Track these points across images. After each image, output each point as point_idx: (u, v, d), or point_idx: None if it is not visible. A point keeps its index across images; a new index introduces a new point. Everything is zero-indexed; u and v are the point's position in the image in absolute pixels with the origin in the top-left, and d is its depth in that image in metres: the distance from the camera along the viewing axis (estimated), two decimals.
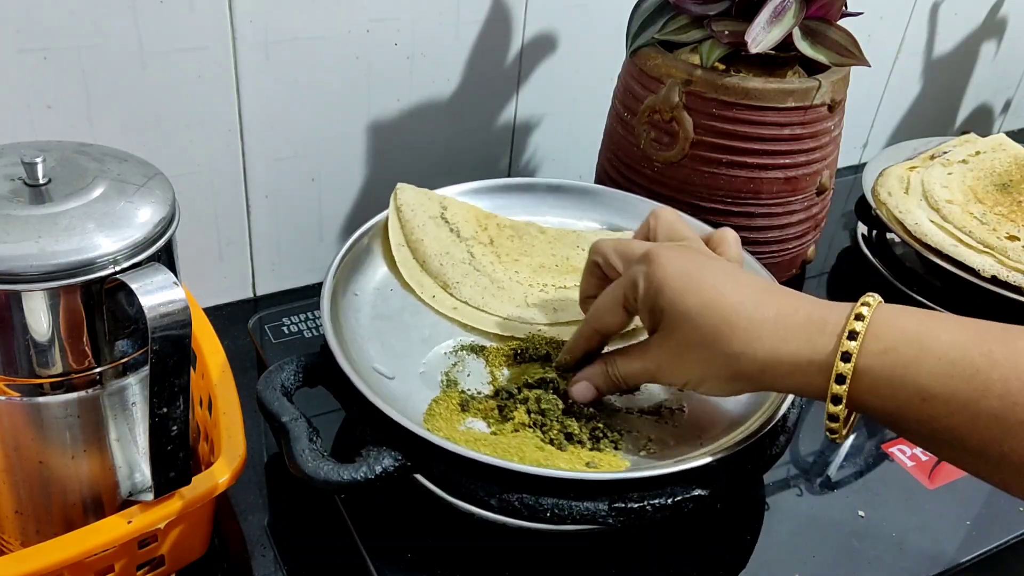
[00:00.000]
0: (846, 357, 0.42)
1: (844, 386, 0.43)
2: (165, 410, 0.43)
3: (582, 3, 0.79)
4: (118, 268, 0.41)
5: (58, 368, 0.43)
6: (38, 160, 0.41)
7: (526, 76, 0.80)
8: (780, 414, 0.52)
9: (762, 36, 0.63)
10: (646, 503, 0.48)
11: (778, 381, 0.45)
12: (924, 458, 0.63)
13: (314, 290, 0.78)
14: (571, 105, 0.84)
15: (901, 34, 1.03)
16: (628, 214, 0.70)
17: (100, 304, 0.42)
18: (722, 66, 0.67)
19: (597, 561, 0.53)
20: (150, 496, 0.46)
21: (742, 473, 0.51)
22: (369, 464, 0.47)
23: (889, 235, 0.87)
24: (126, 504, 0.48)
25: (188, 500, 0.46)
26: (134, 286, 0.40)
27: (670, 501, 0.48)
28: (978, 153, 0.90)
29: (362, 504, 0.54)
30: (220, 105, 0.67)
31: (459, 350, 0.59)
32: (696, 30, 0.67)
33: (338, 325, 0.56)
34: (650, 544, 0.54)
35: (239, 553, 0.55)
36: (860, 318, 0.43)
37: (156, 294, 0.40)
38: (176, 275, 0.42)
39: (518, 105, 0.82)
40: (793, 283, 0.78)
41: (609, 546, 0.53)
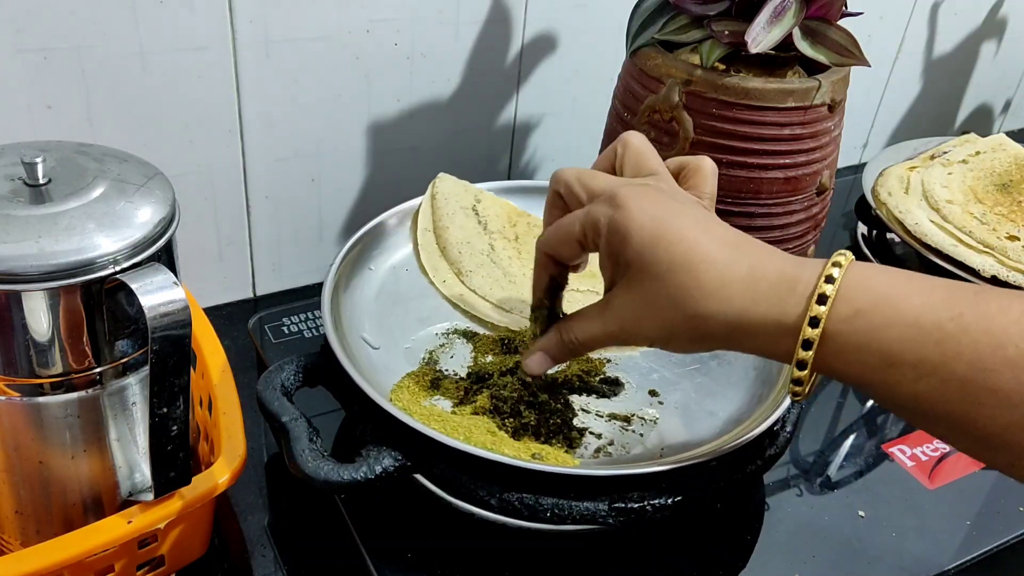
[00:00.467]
0: (814, 322, 0.40)
1: (810, 352, 0.41)
2: (165, 410, 0.43)
3: (582, 3, 0.79)
4: (118, 268, 0.41)
5: (58, 368, 0.43)
6: (38, 160, 0.41)
7: (526, 76, 0.80)
8: (780, 414, 0.52)
9: (762, 36, 0.63)
10: (646, 503, 0.48)
11: (745, 342, 0.44)
12: (924, 458, 0.63)
13: (314, 290, 0.78)
14: (571, 105, 0.84)
15: (901, 34, 1.03)
16: None
17: (100, 304, 0.42)
18: (722, 66, 0.67)
19: (597, 561, 0.53)
20: (150, 496, 0.46)
21: (742, 473, 0.51)
22: (369, 464, 0.47)
23: (889, 235, 0.87)
24: (126, 504, 0.48)
25: (188, 500, 0.46)
26: (134, 286, 0.40)
27: (670, 501, 0.48)
28: (978, 153, 0.91)
29: (362, 504, 0.54)
30: (220, 105, 0.67)
31: (451, 333, 0.60)
32: (696, 30, 0.67)
33: (337, 297, 0.58)
34: (650, 544, 0.54)
35: (239, 553, 0.55)
36: (831, 280, 0.41)
37: (156, 294, 0.40)
38: (176, 275, 0.42)
39: (518, 105, 0.82)
40: None
41: (609, 546, 0.53)
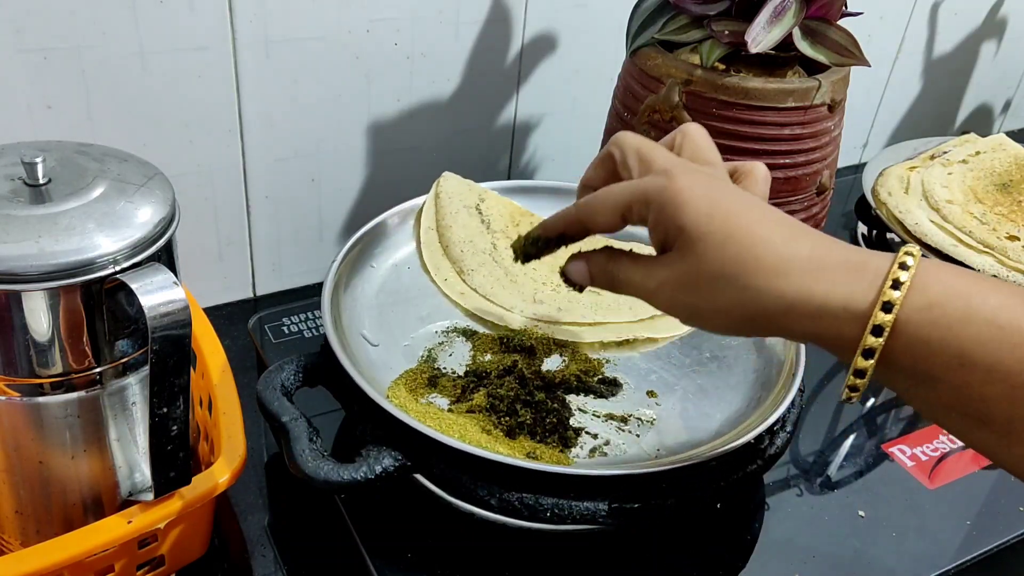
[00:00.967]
0: (887, 307, 0.38)
1: (880, 339, 0.38)
2: (165, 410, 0.43)
3: (582, 3, 0.79)
4: (118, 268, 0.41)
5: (58, 368, 0.43)
6: (38, 160, 0.41)
7: (526, 76, 0.80)
8: (780, 414, 0.52)
9: (762, 36, 0.63)
10: (646, 503, 0.48)
11: (801, 324, 0.41)
12: (924, 458, 0.63)
13: (314, 290, 0.78)
14: (571, 105, 0.84)
15: (901, 34, 1.03)
16: None
17: (100, 304, 0.42)
18: (722, 66, 0.67)
19: (597, 561, 0.53)
20: (150, 496, 0.46)
21: (742, 473, 0.51)
22: (369, 464, 0.47)
23: (889, 235, 0.87)
24: (126, 504, 0.48)
25: (188, 500, 0.46)
26: (134, 286, 0.40)
27: (670, 501, 0.48)
28: (978, 153, 0.91)
29: (362, 504, 0.54)
30: (220, 105, 0.67)
31: (450, 331, 0.60)
32: (696, 30, 0.67)
33: (338, 295, 0.59)
34: (650, 544, 0.54)
35: (239, 553, 0.55)
36: (904, 267, 0.38)
37: (156, 294, 0.40)
38: (176, 275, 0.42)
39: (518, 105, 0.82)
40: None
41: (609, 546, 0.53)
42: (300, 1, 0.66)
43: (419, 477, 0.52)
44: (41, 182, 0.42)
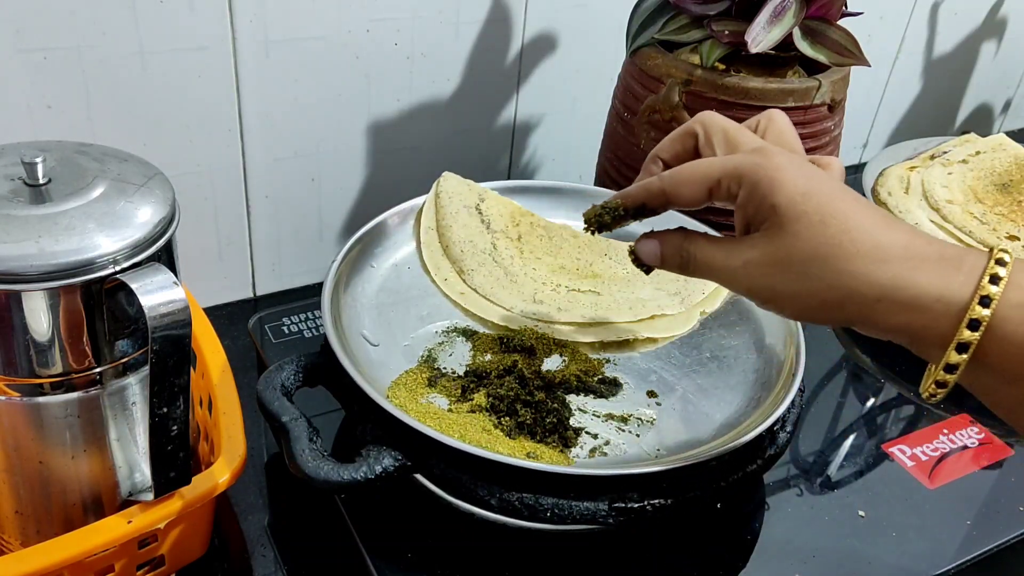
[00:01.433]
0: (985, 302, 0.37)
1: (977, 333, 0.37)
2: (165, 410, 0.43)
3: (582, 3, 0.79)
4: (118, 268, 0.41)
5: (58, 368, 0.43)
6: (38, 160, 0.41)
7: (526, 76, 0.80)
8: (780, 414, 0.52)
9: (762, 36, 0.63)
10: (646, 503, 0.48)
11: (891, 314, 0.40)
12: (924, 458, 0.63)
13: (314, 290, 0.78)
14: (571, 105, 0.84)
15: (901, 34, 1.03)
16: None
17: (100, 304, 0.42)
18: (722, 66, 0.67)
19: (597, 561, 0.53)
20: (150, 496, 0.46)
21: (742, 473, 0.51)
22: (369, 464, 0.47)
23: None
24: (126, 504, 0.48)
25: (188, 500, 0.46)
26: (134, 286, 0.40)
27: (670, 501, 0.48)
28: (978, 153, 0.90)
29: (362, 504, 0.54)
30: (220, 105, 0.67)
31: (450, 331, 0.60)
32: (696, 30, 0.67)
33: (338, 295, 0.58)
34: (650, 544, 0.54)
35: (239, 553, 0.55)
36: (1002, 263, 0.38)
37: (156, 294, 0.40)
38: (176, 275, 0.42)
39: (518, 105, 0.82)
40: None
41: (609, 546, 0.53)
42: (300, 1, 0.66)
43: (419, 477, 0.52)
44: (41, 182, 0.42)
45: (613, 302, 0.63)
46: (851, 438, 0.65)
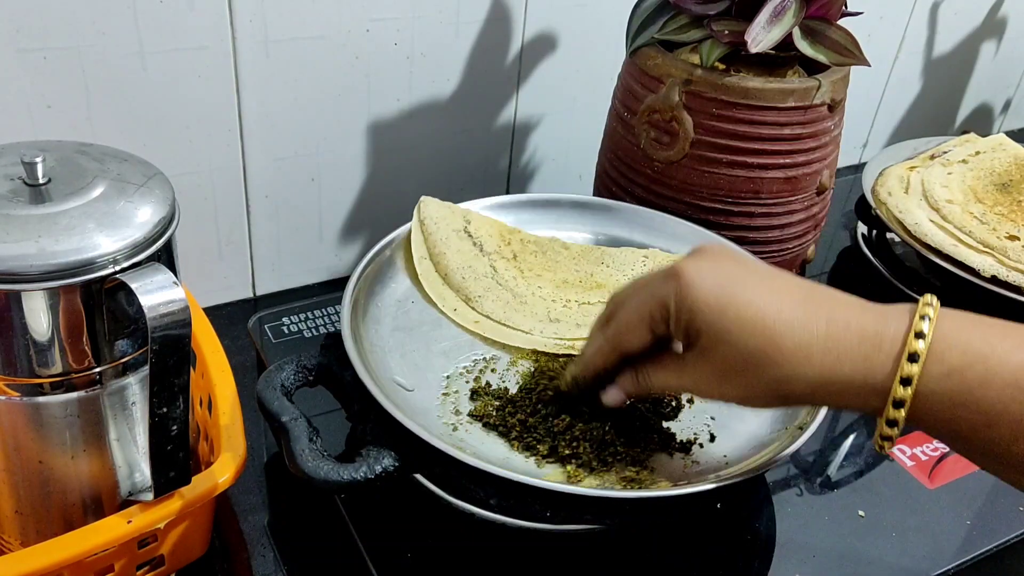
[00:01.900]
0: (906, 382, 0.39)
1: (902, 410, 0.40)
2: (165, 410, 0.42)
3: (582, 3, 0.79)
4: (118, 268, 0.41)
5: (58, 368, 0.43)
6: (38, 160, 0.41)
7: (526, 76, 0.80)
8: (806, 438, 0.51)
9: (762, 36, 0.63)
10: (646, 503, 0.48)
11: (830, 400, 0.43)
12: (924, 458, 0.63)
13: (314, 290, 0.78)
14: (571, 105, 0.84)
15: (901, 34, 1.03)
16: (657, 232, 0.69)
17: (100, 304, 0.42)
18: (722, 66, 0.67)
19: (597, 561, 0.53)
20: (150, 496, 0.46)
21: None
22: (369, 464, 0.47)
23: (889, 235, 0.87)
24: (126, 504, 0.48)
25: (188, 500, 0.46)
26: (134, 286, 0.40)
27: (670, 502, 0.48)
28: (978, 153, 0.91)
29: (362, 504, 0.54)
30: (220, 105, 0.67)
31: (479, 366, 0.59)
32: (696, 30, 0.67)
33: (358, 337, 0.55)
34: (650, 544, 0.54)
35: (239, 553, 0.55)
36: (920, 336, 0.39)
37: (156, 294, 0.40)
38: (176, 275, 0.42)
39: (518, 105, 0.82)
40: None
41: (609, 546, 0.53)
42: (300, 1, 0.66)
43: (419, 477, 0.52)
44: (41, 182, 0.42)
45: None
46: (851, 438, 0.65)
